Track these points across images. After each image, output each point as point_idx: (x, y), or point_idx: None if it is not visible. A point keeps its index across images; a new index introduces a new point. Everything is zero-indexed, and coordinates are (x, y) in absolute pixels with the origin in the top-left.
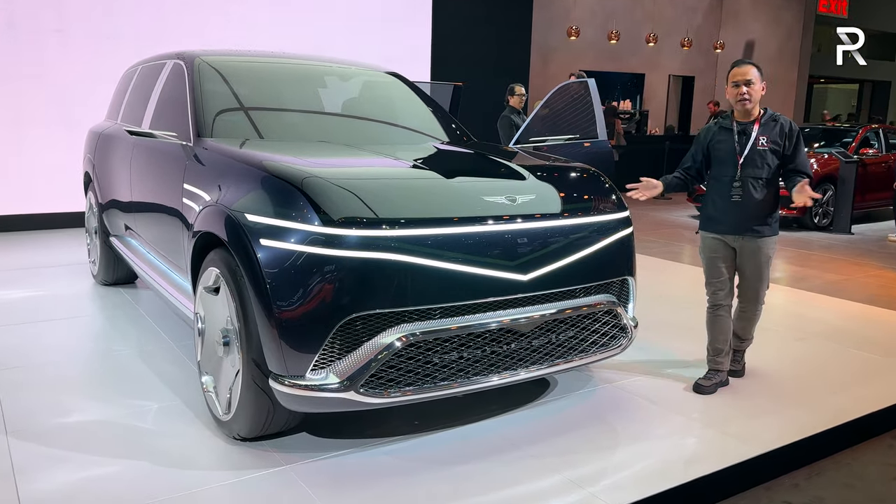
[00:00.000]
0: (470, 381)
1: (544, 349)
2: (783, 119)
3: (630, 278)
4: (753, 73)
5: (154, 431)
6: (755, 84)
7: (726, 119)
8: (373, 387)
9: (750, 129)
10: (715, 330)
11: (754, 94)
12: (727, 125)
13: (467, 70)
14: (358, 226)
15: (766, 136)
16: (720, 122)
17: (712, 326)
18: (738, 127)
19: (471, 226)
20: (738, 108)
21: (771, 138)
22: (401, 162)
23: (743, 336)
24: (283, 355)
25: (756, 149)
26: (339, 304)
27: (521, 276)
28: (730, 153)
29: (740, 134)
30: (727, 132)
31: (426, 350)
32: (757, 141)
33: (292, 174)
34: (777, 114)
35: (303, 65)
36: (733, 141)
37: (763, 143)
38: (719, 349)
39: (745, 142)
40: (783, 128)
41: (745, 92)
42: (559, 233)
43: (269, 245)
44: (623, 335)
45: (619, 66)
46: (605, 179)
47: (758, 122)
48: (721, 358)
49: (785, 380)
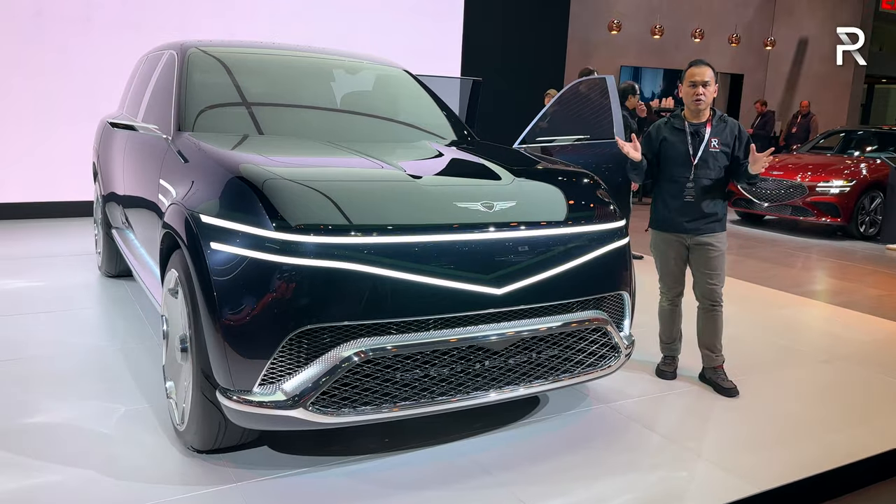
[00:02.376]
0: (434, 402)
1: (521, 369)
2: (731, 121)
3: (624, 293)
4: (710, 75)
5: (113, 437)
6: (710, 86)
7: (677, 119)
8: (325, 405)
9: (702, 130)
10: (672, 320)
11: (709, 96)
12: (679, 125)
13: (500, 66)
14: (314, 232)
15: (717, 139)
16: (671, 121)
17: (670, 318)
18: (691, 128)
19: (438, 234)
20: (692, 108)
21: (722, 140)
22: (378, 163)
23: (713, 346)
24: (229, 367)
25: (709, 150)
26: (289, 315)
27: (494, 290)
28: (683, 154)
29: (693, 135)
30: (679, 133)
31: (385, 367)
32: (709, 143)
33: (255, 175)
34: (725, 115)
35: (304, 57)
36: (686, 142)
37: (715, 145)
38: (674, 336)
39: (698, 143)
40: (732, 130)
41: (702, 93)
42: (540, 243)
43: (219, 249)
44: (614, 355)
45: (663, 62)
46: (600, 185)
47: (709, 123)
48: (677, 344)
49: (799, 407)
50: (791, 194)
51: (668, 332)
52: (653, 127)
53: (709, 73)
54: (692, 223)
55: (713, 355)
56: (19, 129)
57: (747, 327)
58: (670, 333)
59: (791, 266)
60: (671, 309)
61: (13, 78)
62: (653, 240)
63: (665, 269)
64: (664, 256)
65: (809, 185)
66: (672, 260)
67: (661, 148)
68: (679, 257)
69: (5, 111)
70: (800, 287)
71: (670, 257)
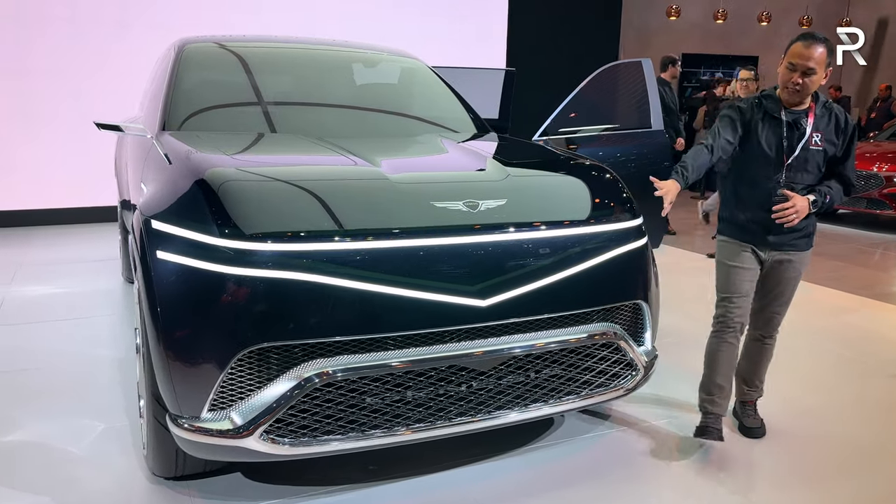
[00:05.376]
0: (411, 431)
1: (515, 391)
2: (837, 109)
3: (643, 303)
4: (819, 58)
5: (82, 458)
6: (817, 75)
7: (771, 101)
8: (281, 434)
9: (803, 120)
10: (720, 359)
11: (811, 87)
12: (773, 111)
13: (547, 56)
14: (270, 239)
15: (820, 133)
16: (763, 103)
17: (717, 355)
18: (789, 116)
19: (409, 238)
20: (785, 96)
21: (826, 136)
22: (353, 160)
23: (751, 381)
24: (174, 390)
25: (809, 147)
26: (238, 332)
27: (478, 302)
28: (775, 149)
29: (791, 127)
30: (773, 122)
31: (350, 391)
32: (810, 137)
33: (213, 177)
34: (830, 101)
35: (310, 50)
36: (781, 134)
37: (817, 141)
38: (720, 386)
39: (796, 137)
40: (839, 122)
41: (800, 83)
42: (534, 247)
43: (165, 258)
44: (631, 373)
45: (728, 47)
46: (614, 180)
47: (812, 112)
48: (721, 399)
49: (863, 430)
50: (867, 185)
51: (713, 376)
52: (745, 102)
53: (818, 54)
54: (777, 237)
55: (747, 389)
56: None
57: (806, 336)
58: (716, 378)
59: (864, 265)
60: (729, 347)
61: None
62: (720, 250)
63: (734, 288)
64: (736, 272)
65: (886, 176)
66: (742, 271)
67: (746, 134)
68: (751, 273)
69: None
70: (872, 289)
71: (744, 274)
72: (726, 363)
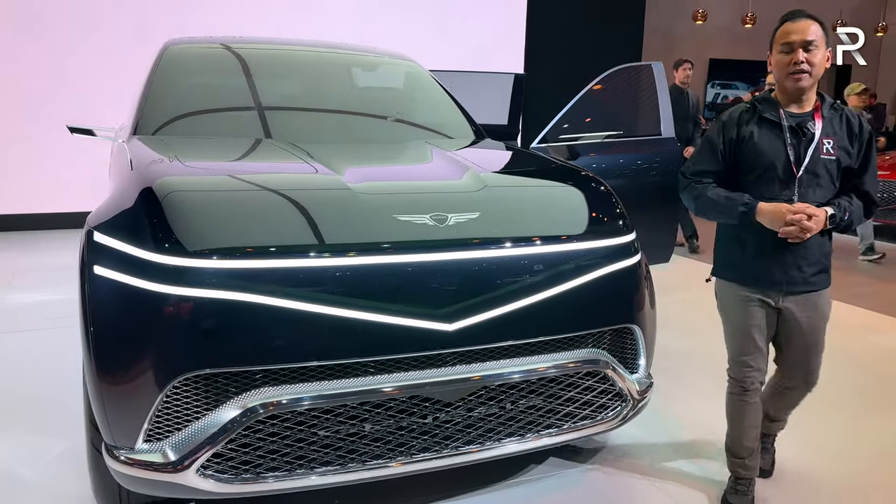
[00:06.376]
0: (366, 468)
1: (486, 424)
2: (849, 112)
3: (634, 326)
4: (816, 32)
5: (32, 483)
6: (819, 50)
7: (767, 105)
8: (220, 470)
9: (809, 124)
10: (743, 423)
11: (816, 66)
12: (771, 115)
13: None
14: (212, 257)
15: (831, 139)
16: (757, 108)
17: (739, 417)
18: (791, 120)
19: (366, 255)
20: (790, 87)
21: (839, 142)
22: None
23: (776, 416)
24: (106, 418)
25: (819, 156)
26: (175, 357)
27: (444, 326)
28: (779, 162)
29: (794, 132)
30: (771, 128)
31: (299, 423)
32: (820, 144)
33: (161, 188)
34: (838, 102)
35: (299, 52)
36: (783, 142)
37: (829, 149)
38: (749, 448)
39: (803, 144)
40: (852, 126)
41: (804, 60)
42: (508, 265)
43: (101, 274)
44: (620, 404)
45: (756, 53)
46: (605, 191)
47: (818, 113)
48: (752, 461)
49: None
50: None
51: (740, 439)
52: (726, 116)
53: (812, 27)
54: (789, 274)
55: (770, 422)
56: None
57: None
58: (744, 441)
59: (893, 280)
60: (752, 407)
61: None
62: (721, 296)
63: (740, 342)
64: (740, 324)
65: None
66: (753, 330)
67: (739, 151)
68: (764, 325)
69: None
70: None
71: (750, 326)
72: (752, 425)
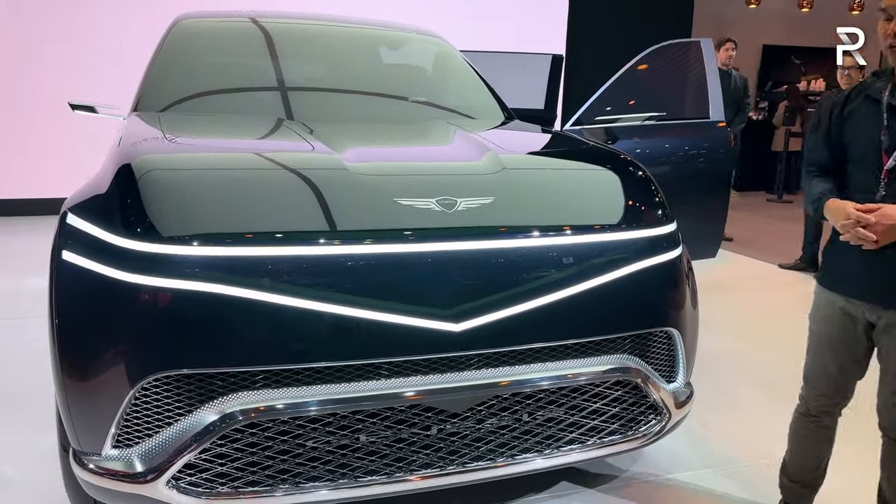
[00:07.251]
0: (357, 484)
1: (499, 438)
2: None
3: (673, 330)
4: None
5: (13, 482)
6: None
7: (880, 80)
8: (193, 483)
9: None
10: (801, 448)
11: None
12: (874, 93)
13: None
14: (189, 243)
15: None
16: (870, 83)
17: (798, 440)
18: (892, 97)
19: (362, 243)
20: (892, 61)
21: None
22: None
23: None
24: (72, 421)
25: None
26: (145, 354)
27: (450, 326)
28: (871, 148)
29: (893, 111)
30: (872, 107)
31: (283, 433)
32: None
33: (139, 166)
34: None
35: (315, 26)
36: (881, 124)
37: None
38: (816, 476)
39: None
40: None
41: None
42: (527, 257)
43: (69, 260)
44: (654, 417)
45: (815, 39)
46: (643, 175)
47: None
48: (804, 490)
49: None
50: None
51: (800, 465)
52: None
53: None
54: (884, 282)
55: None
56: None
57: None
58: (804, 468)
59: None
60: (811, 435)
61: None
62: (813, 304)
63: (815, 366)
64: (820, 343)
65: None
66: (834, 351)
67: (841, 133)
68: (852, 341)
69: None
70: None
71: (831, 347)
72: (810, 454)
